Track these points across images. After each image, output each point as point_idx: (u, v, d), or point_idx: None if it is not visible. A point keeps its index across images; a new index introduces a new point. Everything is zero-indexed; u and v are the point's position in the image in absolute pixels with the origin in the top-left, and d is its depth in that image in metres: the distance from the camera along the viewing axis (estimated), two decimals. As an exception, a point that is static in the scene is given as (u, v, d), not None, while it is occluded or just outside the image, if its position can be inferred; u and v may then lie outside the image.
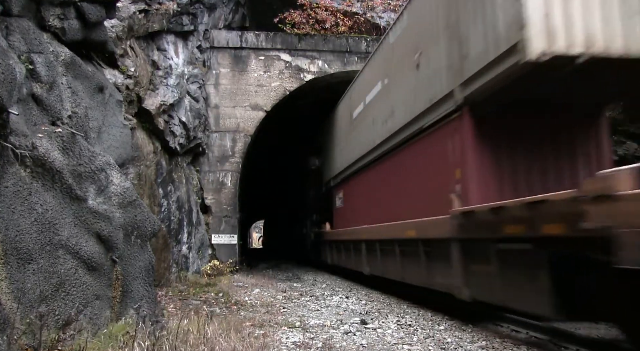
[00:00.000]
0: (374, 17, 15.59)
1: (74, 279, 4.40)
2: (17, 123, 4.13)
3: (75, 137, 4.84)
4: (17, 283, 3.75)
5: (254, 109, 14.51)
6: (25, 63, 4.56)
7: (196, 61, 13.36)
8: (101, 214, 4.92)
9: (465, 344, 5.46)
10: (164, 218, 10.60)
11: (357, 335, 5.87)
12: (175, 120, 11.41)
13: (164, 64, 11.21)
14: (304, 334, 5.79)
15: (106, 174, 5.17)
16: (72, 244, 4.47)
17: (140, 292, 5.46)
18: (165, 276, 9.97)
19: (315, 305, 8.48)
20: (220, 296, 8.79)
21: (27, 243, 3.92)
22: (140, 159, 9.35)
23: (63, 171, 4.53)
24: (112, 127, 6.34)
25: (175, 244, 11.11)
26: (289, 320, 6.74)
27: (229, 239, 13.88)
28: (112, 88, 6.85)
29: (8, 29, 4.55)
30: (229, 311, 7.33)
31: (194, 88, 12.83)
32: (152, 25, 10.49)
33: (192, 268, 12.06)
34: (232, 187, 14.14)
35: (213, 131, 14.18)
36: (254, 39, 14.65)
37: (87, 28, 6.01)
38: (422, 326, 6.53)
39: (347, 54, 14.96)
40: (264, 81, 14.62)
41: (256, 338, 5.09)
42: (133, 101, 9.43)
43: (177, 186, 11.61)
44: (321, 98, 16.76)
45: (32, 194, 4.12)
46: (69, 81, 5.34)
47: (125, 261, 5.29)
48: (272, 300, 8.81)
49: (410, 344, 5.45)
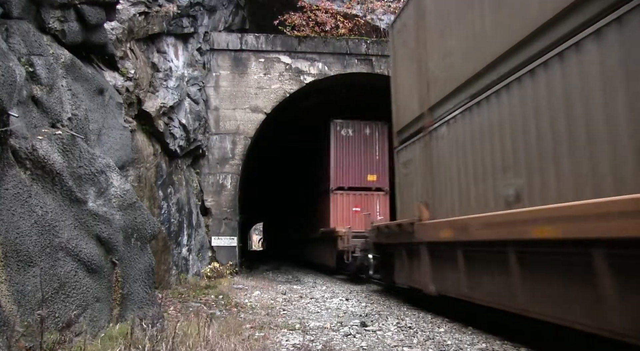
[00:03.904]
0: (374, 20, 15.60)
1: (74, 282, 4.40)
2: (17, 125, 4.13)
3: (75, 140, 4.85)
4: (17, 286, 3.75)
5: (254, 111, 14.52)
6: (25, 65, 4.57)
7: (196, 63, 13.37)
8: (101, 216, 4.92)
9: (466, 346, 5.45)
10: (164, 220, 10.60)
11: (357, 337, 5.86)
12: (175, 122, 11.42)
13: (164, 67, 11.22)
14: (304, 336, 5.78)
15: (106, 177, 5.17)
16: (72, 247, 4.46)
17: (140, 294, 5.45)
18: (165, 278, 9.96)
19: (315, 307, 8.47)
20: (220, 299, 8.78)
21: (27, 245, 3.92)
22: (140, 162, 9.35)
23: (63, 173, 4.53)
24: (112, 130, 6.34)
25: (175, 246, 11.11)
26: (289, 322, 6.73)
27: (229, 241, 13.88)
28: (112, 90, 6.85)
29: (8, 31, 4.56)
30: (229, 313, 7.32)
31: (194, 90, 12.84)
32: (152, 28, 10.51)
33: (192, 270, 12.05)
34: (232, 189, 14.15)
35: (213, 133, 14.19)
36: (254, 41, 14.67)
37: (87, 30, 6.03)
38: (422, 328, 6.53)
39: (347, 57, 14.98)
40: (263, 83, 14.63)
41: (256, 341, 5.09)
42: (133, 103, 9.44)
43: (177, 188, 11.61)
44: (321, 100, 16.78)
45: (32, 196, 4.12)
46: (69, 83, 5.35)
47: (125, 264, 5.29)
48: (272, 302, 8.80)
49: (410, 346, 5.44)
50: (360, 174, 15.83)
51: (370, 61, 15.02)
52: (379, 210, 15.50)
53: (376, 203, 15.67)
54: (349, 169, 15.82)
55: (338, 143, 15.90)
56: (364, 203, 15.66)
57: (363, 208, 15.34)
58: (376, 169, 15.89)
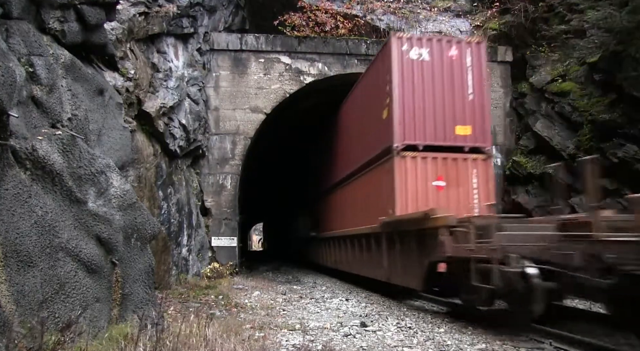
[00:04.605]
0: (373, 20, 15.59)
1: (74, 282, 4.40)
2: (17, 126, 4.13)
3: (75, 140, 4.85)
4: (17, 286, 3.75)
5: (253, 111, 14.52)
6: (25, 66, 4.57)
7: (196, 63, 13.37)
8: (101, 216, 4.92)
9: (465, 346, 5.45)
10: (164, 221, 10.59)
11: (357, 338, 5.86)
12: (175, 122, 11.42)
13: (164, 67, 11.22)
14: (304, 336, 5.78)
15: (106, 177, 5.17)
16: (72, 247, 4.46)
17: (140, 294, 5.45)
18: (165, 278, 9.96)
19: (315, 308, 8.46)
20: (220, 299, 8.78)
21: (27, 245, 3.92)
22: (140, 162, 9.35)
23: (63, 173, 4.53)
24: (112, 130, 6.34)
25: (175, 246, 11.10)
26: (289, 323, 6.73)
27: (228, 241, 13.87)
28: (112, 91, 6.85)
29: (8, 31, 4.56)
30: (229, 313, 7.32)
31: (194, 91, 12.84)
32: (152, 28, 10.51)
33: (192, 270, 12.05)
34: (232, 189, 14.14)
35: (213, 134, 14.18)
36: (253, 42, 14.66)
37: (87, 30, 6.02)
38: (422, 328, 6.52)
39: (347, 57, 14.98)
40: (263, 84, 14.63)
41: (256, 341, 5.09)
42: (133, 103, 9.44)
43: (177, 188, 11.61)
44: (321, 100, 16.77)
45: (32, 196, 4.11)
46: (69, 84, 5.35)
47: (125, 264, 5.29)
48: (272, 303, 8.80)
49: (410, 346, 5.44)
50: (444, 124, 9.75)
51: (370, 61, 14.99)
52: (478, 186, 9.55)
53: (472, 173, 9.61)
54: (424, 117, 9.72)
55: (405, 72, 9.79)
56: (452, 172, 9.54)
57: (451, 181, 9.49)
58: (470, 116, 9.82)
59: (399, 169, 9.29)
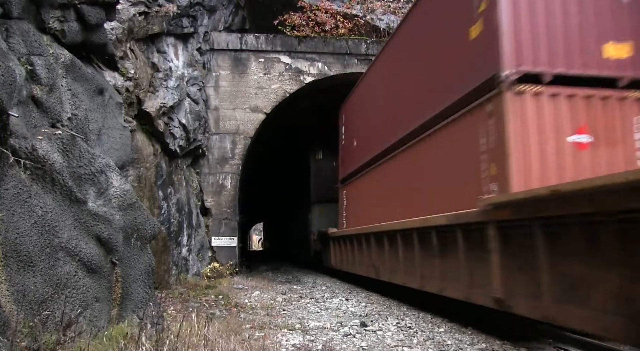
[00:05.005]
0: (373, 20, 15.59)
1: (74, 282, 4.40)
2: (17, 125, 4.13)
3: (75, 140, 4.85)
4: (17, 286, 3.75)
5: (253, 111, 14.52)
6: (25, 65, 4.57)
7: (196, 63, 13.37)
8: (101, 216, 4.92)
9: (465, 346, 5.45)
10: (164, 220, 10.60)
11: (357, 337, 5.86)
12: (175, 122, 11.42)
13: (163, 67, 11.22)
14: (304, 336, 5.78)
15: (106, 177, 5.17)
16: (72, 247, 4.46)
17: (140, 294, 5.45)
18: (165, 278, 9.96)
19: (315, 307, 8.46)
20: (220, 299, 8.78)
21: (27, 245, 3.92)
22: (140, 162, 9.35)
23: (63, 173, 4.53)
24: (112, 130, 6.34)
25: (175, 246, 11.11)
26: (288, 322, 6.73)
27: (228, 241, 13.88)
28: (112, 90, 6.85)
29: (8, 31, 4.56)
30: (228, 313, 7.32)
31: (194, 90, 12.84)
32: (152, 28, 10.51)
33: (192, 270, 12.05)
34: (231, 189, 14.15)
35: (213, 133, 14.19)
36: (253, 41, 14.67)
37: (87, 30, 6.02)
38: (422, 328, 6.53)
39: (347, 57, 14.98)
40: (263, 83, 14.64)
41: (256, 341, 5.09)
42: (133, 103, 9.44)
43: (177, 188, 11.61)
44: (321, 100, 16.77)
45: (32, 196, 4.11)
46: (68, 83, 5.35)
47: (125, 264, 5.29)
48: (272, 302, 8.80)
49: (410, 346, 5.44)
50: (584, 41, 5.84)
51: (370, 61, 14.98)
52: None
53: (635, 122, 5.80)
54: (551, 28, 5.81)
55: None
56: (601, 121, 5.70)
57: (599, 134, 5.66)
58: (629, 26, 5.89)
59: (513, 113, 5.55)
